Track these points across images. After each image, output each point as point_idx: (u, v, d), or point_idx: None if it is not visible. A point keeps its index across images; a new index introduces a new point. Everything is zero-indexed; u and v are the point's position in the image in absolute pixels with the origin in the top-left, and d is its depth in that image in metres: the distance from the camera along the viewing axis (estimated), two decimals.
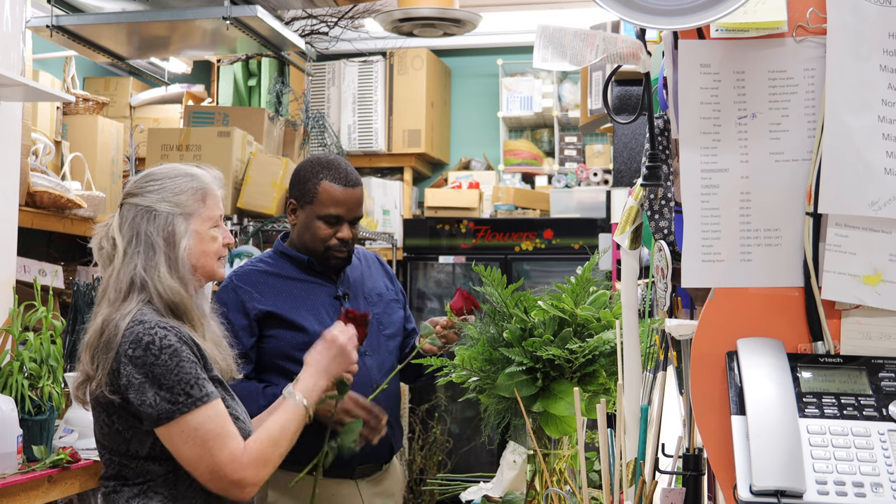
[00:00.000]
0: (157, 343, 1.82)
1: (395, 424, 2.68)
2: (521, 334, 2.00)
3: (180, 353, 1.83)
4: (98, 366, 1.86)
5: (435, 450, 5.71)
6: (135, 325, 1.85)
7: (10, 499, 2.57)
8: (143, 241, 1.93)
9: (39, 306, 2.92)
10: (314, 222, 2.62)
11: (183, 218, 1.96)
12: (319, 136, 5.08)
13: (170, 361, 1.82)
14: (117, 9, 3.90)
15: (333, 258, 2.63)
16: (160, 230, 1.94)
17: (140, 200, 1.97)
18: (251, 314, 2.55)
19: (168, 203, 1.96)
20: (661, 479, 1.55)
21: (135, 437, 1.87)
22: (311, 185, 2.63)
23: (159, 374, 1.81)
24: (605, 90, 1.57)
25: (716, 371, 1.32)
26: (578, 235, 5.72)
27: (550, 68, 1.59)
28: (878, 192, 1.28)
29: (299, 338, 2.54)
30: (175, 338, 1.84)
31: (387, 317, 2.72)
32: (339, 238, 2.62)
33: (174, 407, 1.81)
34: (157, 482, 1.88)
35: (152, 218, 1.95)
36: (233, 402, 1.97)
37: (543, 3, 5.79)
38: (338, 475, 2.49)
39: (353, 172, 2.68)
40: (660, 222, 1.60)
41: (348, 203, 2.62)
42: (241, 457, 1.85)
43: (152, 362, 1.81)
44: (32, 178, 3.42)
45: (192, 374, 1.83)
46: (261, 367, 2.57)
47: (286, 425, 1.97)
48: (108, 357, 1.85)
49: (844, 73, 1.29)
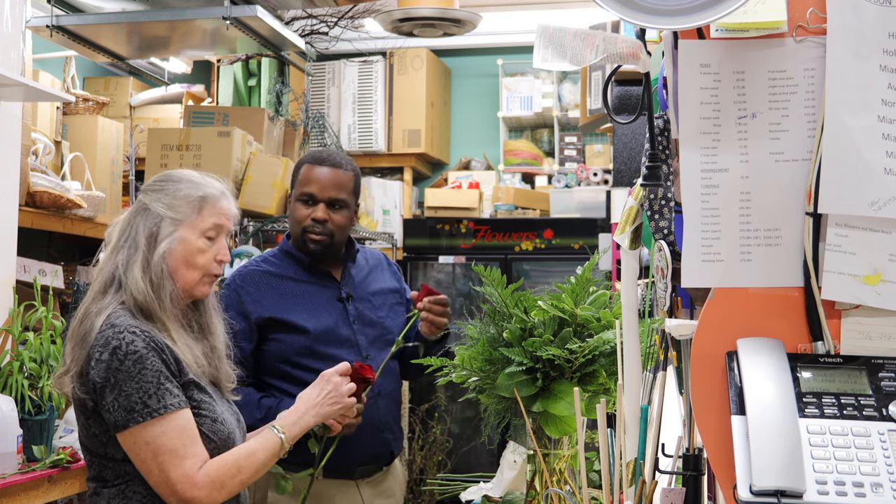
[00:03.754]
0: (124, 348, 1.80)
1: (396, 427, 2.67)
2: (521, 334, 2.00)
3: (144, 361, 1.80)
4: (73, 360, 1.86)
5: (435, 450, 5.71)
6: (106, 328, 1.83)
7: (10, 499, 2.57)
8: (132, 238, 1.93)
9: (39, 306, 2.92)
10: (294, 205, 2.65)
11: (171, 222, 1.93)
12: (319, 136, 5.08)
13: (132, 368, 1.79)
14: (117, 9, 3.90)
15: (310, 241, 2.60)
16: (146, 229, 1.93)
17: (143, 197, 1.98)
18: (252, 317, 2.54)
19: (162, 204, 1.95)
20: (661, 479, 1.55)
21: (110, 441, 1.85)
22: (297, 171, 2.68)
23: (120, 379, 1.79)
24: (605, 90, 1.57)
25: (716, 371, 1.32)
26: (578, 235, 5.72)
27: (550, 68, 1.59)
28: (878, 192, 1.28)
29: (301, 340, 2.53)
30: (142, 343, 1.81)
31: (391, 320, 2.70)
32: (313, 219, 2.59)
33: (129, 416, 1.79)
34: (134, 482, 1.86)
35: (145, 216, 1.94)
36: (213, 404, 1.94)
37: (543, 3, 5.79)
38: (338, 476, 2.49)
39: (335, 156, 2.68)
40: (660, 222, 1.60)
41: (320, 181, 2.61)
42: (195, 476, 1.81)
43: (116, 367, 1.79)
44: (32, 178, 3.42)
45: (153, 382, 1.80)
46: (262, 371, 2.56)
47: (256, 454, 1.93)
48: (81, 354, 1.85)
49: (844, 73, 1.29)
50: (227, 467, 1.86)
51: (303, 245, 2.62)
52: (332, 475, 2.42)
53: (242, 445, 1.95)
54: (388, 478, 2.67)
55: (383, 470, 2.65)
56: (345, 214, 2.63)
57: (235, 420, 2.01)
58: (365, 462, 2.55)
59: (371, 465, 2.59)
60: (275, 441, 1.97)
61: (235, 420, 2.01)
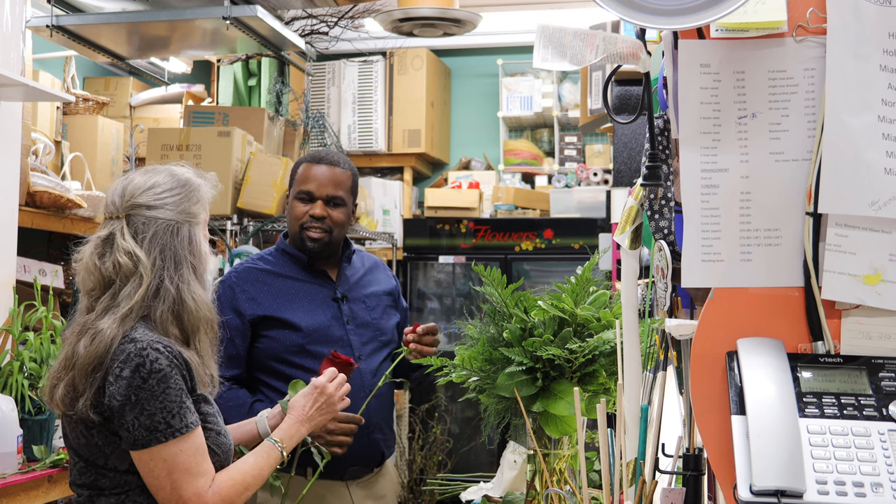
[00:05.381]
0: (148, 366, 1.77)
1: (388, 430, 2.67)
2: (521, 334, 2.00)
3: (168, 380, 1.78)
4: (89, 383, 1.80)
5: (435, 450, 5.71)
6: (126, 342, 1.79)
7: (10, 499, 2.58)
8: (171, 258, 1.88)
9: (39, 306, 2.92)
10: (291, 203, 2.67)
11: (198, 227, 1.94)
12: (319, 136, 5.08)
13: (157, 387, 1.77)
14: (117, 9, 3.90)
15: (308, 239, 2.61)
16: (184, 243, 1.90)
17: (161, 213, 1.90)
18: (245, 315, 2.54)
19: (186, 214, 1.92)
20: (661, 479, 1.55)
21: (114, 453, 1.83)
22: (295, 170, 2.70)
23: (144, 398, 1.76)
24: (605, 90, 1.57)
25: (716, 371, 1.32)
26: (578, 235, 5.73)
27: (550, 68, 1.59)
28: (878, 192, 1.28)
29: (294, 338, 2.53)
30: (166, 361, 1.79)
31: (384, 322, 2.71)
32: (311, 215, 2.61)
33: (151, 435, 1.77)
34: (134, 492, 1.84)
35: (175, 231, 1.90)
36: (216, 416, 1.93)
37: (543, 3, 5.79)
38: (328, 476, 2.48)
39: (333, 155, 2.69)
40: (660, 222, 1.60)
41: (318, 178, 2.63)
42: (206, 495, 1.81)
43: (139, 385, 1.76)
44: (32, 178, 3.42)
45: (176, 402, 1.79)
46: (254, 368, 2.57)
47: (262, 469, 1.96)
48: (97, 376, 1.79)
49: (844, 73, 1.29)
50: (237, 485, 1.88)
51: (301, 243, 2.63)
52: (322, 476, 2.42)
53: (248, 461, 1.95)
54: (379, 479, 2.66)
55: (374, 471, 2.64)
56: (342, 212, 2.64)
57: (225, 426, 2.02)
58: (355, 463, 2.55)
59: (361, 466, 2.58)
60: (277, 457, 2.01)
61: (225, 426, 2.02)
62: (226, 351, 2.45)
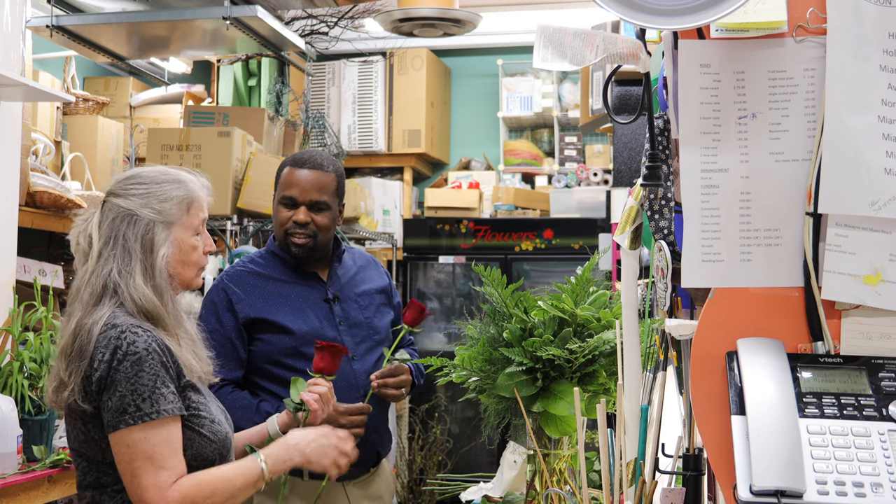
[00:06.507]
0: (124, 348, 1.78)
1: (383, 430, 2.67)
2: (521, 334, 2.00)
3: (143, 363, 1.78)
4: (71, 373, 1.81)
5: (435, 450, 5.71)
6: (108, 329, 1.80)
7: (10, 499, 2.58)
8: (121, 245, 1.88)
9: (39, 306, 2.92)
10: (276, 207, 2.64)
11: (164, 226, 1.91)
12: (319, 136, 5.08)
13: (130, 370, 1.77)
14: (117, 9, 3.91)
15: (293, 244, 2.59)
16: (139, 236, 1.89)
17: (122, 202, 1.91)
18: (239, 317, 2.54)
19: (151, 209, 1.90)
20: (661, 479, 1.55)
21: (109, 446, 1.82)
22: (279, 173, 2.66)
23: (117, 379, 1.76)
24: (605, 90, 1.57)
25: (716, 371, 1.32)
26: (578, 235, 5.73)
27: (550, 68, 1.59)
28: (878, 192, 1.28)
29: (287, 341, 2.52)
30: (143, 344, 1.79)
31: (377, 320, 2.69)
32: (294, 221, 2.58)
33: (119, 417, 1.76)
34: None
35: (132, 223, 1.89)
36: (208, 405, 1.91)
37: (543, 3, 5.79)
38: (323, 476, 2.48)
39: (317, 158, 2.65)
40: (660, 222, 1.60)
41: (300, 184, 2.59)
42: (166, 490, 1.76)
43: (115, 367, 1.77)
44: (32, 178, 3.42)
45: (148, 385, 1.77)
46: (249, 370, 2.56)
47: (233, 480, 1.86)
48: (81, 365, 1.80)
49: (844, 73, 1.29)
50: (202, 487, 1.82)
51: (286, 248, 2.62)
52: (317, 475, 2.41)
53: (223, 470, 1.89)
54: (375, 480, 2.66)
55: (370, 471, 2.63)
56: (327, 216, 2.61)
57: (224, 416, 2.00)
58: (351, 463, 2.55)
59: (357, 465, 2.57)
60: (255, 472, 1.91)
61: (224, 416, 2.00)
62: (226, 353, 2.45)
